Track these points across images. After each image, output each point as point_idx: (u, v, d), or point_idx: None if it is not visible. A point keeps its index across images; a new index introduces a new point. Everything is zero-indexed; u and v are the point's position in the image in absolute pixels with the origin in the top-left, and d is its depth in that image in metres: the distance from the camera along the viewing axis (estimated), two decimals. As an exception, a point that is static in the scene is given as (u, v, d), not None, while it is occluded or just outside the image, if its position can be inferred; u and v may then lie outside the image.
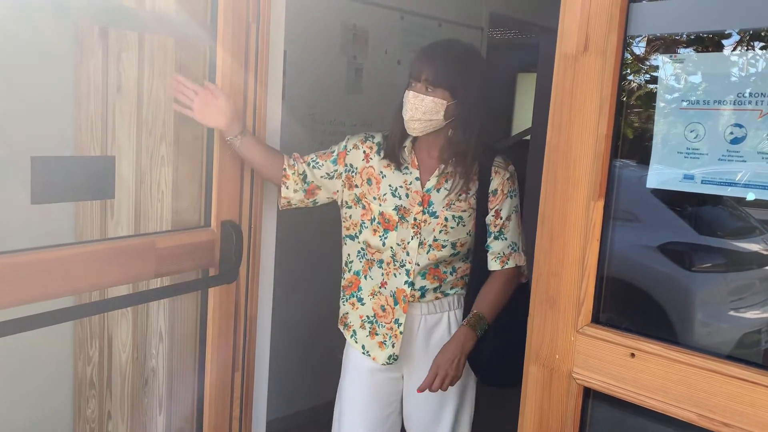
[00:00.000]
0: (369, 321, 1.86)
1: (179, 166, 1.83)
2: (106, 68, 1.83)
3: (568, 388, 1.31)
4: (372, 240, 1.81)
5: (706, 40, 1.26)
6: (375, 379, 1.90)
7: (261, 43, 1.82)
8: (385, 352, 1.84)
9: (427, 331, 1.86)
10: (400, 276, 1.79)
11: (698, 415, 1.15)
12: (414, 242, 1.77)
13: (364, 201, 1.82)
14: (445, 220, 1.77)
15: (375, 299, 1.84)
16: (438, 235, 1.77)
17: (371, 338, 1.86)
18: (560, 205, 1.30)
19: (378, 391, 1.91)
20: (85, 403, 2.03)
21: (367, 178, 1.82)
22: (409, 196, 1.77)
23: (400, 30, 3.32)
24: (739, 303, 3.07)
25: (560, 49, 1.28)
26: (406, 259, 1.78)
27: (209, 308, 1.80)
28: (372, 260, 1.84)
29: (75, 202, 1.92)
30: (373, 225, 1.80)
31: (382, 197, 1.78)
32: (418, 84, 1.70)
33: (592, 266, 1.27)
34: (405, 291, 1.79)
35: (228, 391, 1.89)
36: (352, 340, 1.90)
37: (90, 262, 1.53)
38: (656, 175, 1.24)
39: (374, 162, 1.81)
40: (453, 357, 1.70)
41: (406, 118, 1.72)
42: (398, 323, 1.81)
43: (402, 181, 1.78)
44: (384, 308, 1.83)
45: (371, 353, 1.86)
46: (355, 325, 1.89)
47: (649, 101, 1.26)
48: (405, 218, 1.77)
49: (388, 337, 1.83)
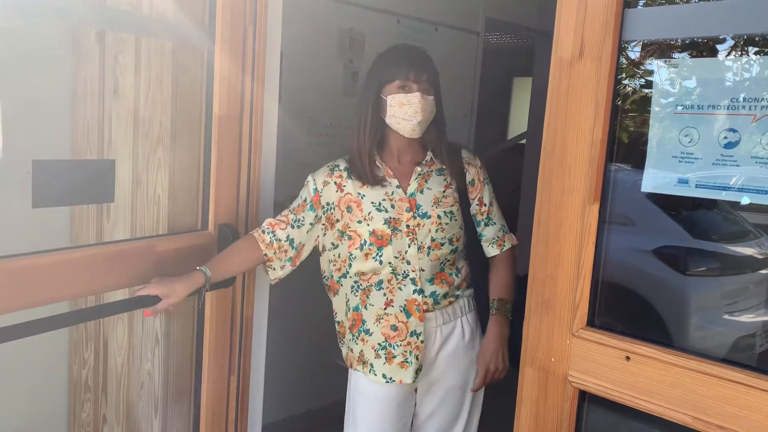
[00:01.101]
0: (382, 347, 1.77)
1: (176, 170, 1.83)
2: (103, 71, 1.83)
3: (564, 390, 1.31)
4: (365, 266, 1.76)
5: (701, 45, 1.27)
6: (391, 402, 1.81)
7: (258, 46, 1.82)
8: (410, 370, 1.75)
9: (442, 342, 1.81)
10: (407, 287, 1.75)
11: (693, 417, 1.15)
12: (412, 249, 1.74)
13: (348, 231, 1.76)
14: (438, 218, 1.76)
15: (382, 323, 1.76)
16: (435, 234, 1.76)
17: (389, 363, 1.76)
18: (556, 209, 1.30)
19: (397, 413, 1.82)
20: (80, 406, 2.02)
21: (346, 206, 1.77)
22: (395, 206, 1.75)
23: (397, 34, 3.33)
24: (733, 306, 3.08)
25: (556, 54, 1.29)
26: (408, 269, 1.75)
27: (206, 312, 1.80)
28: (369, 287, 1.77)
29: (71, 206, 1.92)
30: (364, 250, 1.75)
31: (368, 217, 1.74)
32: (415, 85, 1.71)
33: (587, 270, 1.27)
34: (417, 300, 1.75)
35: (224, 395, 1.89)
36: (371, 375, 1.78)
37: (88, 267, 1.52)
38: (651, 179, 1.25)
39: (349, 187, 1.77)
40: (496, 350, 1.76)
41: (415, 121, 1.71)
42: (416, 334, 1.75)
43: (383, 195, 1.76)
44: (395, 327, 1.75)
45: (395, 378, 1.76)
46: (370, 358, 1.78)
47: (644, 106, 1.26)
48: (398, 228, 1.74)
49: (409, 353, 1.75)
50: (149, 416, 1.94)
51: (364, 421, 1.83)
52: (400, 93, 1.71)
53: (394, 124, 1.74)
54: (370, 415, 1.82)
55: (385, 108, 1.73)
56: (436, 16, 3.51)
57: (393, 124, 1.74)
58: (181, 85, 1.83)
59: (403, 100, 1.70)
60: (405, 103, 1.70)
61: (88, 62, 1.84)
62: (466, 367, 1.84)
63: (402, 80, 1.71)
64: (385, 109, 1.73)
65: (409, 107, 1.70)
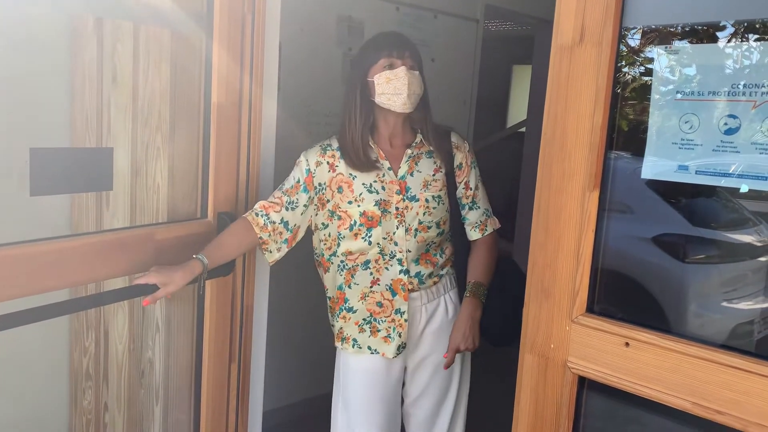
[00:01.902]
0: (367, 322, 1.83)
1: (175, 158, 1.83)
2: (101, 59, 1.83)
3: (563, 377, 1.32)
4: (354, 245, 1.80)
5: (701, 32, 1.26)
6: (379, 377, 1.87)
7: (256, 35, 1.81)
8: (393, 345, 1.83)
9: (427, 320, 1.88)
10: (393, 267, 1.80)
11: (692, 403, 1.16)
12: (400, 230, 1.79)
13: (338, 212, 1.80)
14: (426, 202, 1.81)
15: (367, 300, 1.82)
16: (422, 217, 1.81)
17: (374, 336, 1.83)
18: (556, 196, 1.30)
19: (385, 389, 1.88)
20: (81, 394, 2.03)
21: (337, 187, 1.80)
22: (386, 188, 1.79)
23: (396, 22, 3.31)
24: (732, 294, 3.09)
25: (556, 41, 1.28)
26: (395, 249, 1.79)
27: (206, 299, 1.81)
28: (355, 266, 1.82)
29: (71, 194, 1.92)
30: (354, 230, 1.79)
31: (359, 198, 1.78)
32: (399, 61, 1.75)
33: (587, 257, 1.27)
34: (402, 280, 1.80)
35: (224, 382, 1.89)
36: (354, 349, 1.85)
37: (88, 255, 1.53)
38: (651, 167, 1.25)
39: (341, 168, 1.80)
40: (466, 331, 1.82)
41: (405, 94, 1.73)
42: (400, 312, 1.82)
43: (375, 176, 1.79)
44: (381, 304, 1.82)
45: (379, 350, 1.83)
46: (353, 333, 1.85)
47: (644, 93, 1.26)
48: (387, 210, 1.78)
49: (392, 329, 1.82)
50: (150, 404, 1.95)
51: (354, 396, 1.88)
52: (386, 71, 1.74)
53: (385, 102, 1.76)
54: (359, 389, 1.87)
55: (373, 89, 1.77)
56: (435, 3, 3.50)
57: (383, 102, 1.77)
58: (180, 73, 1.82)
59: (390, 75, 1.74)
60: (392, 78, 1.74)
61: (86, 50, 1.83)
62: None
63: (386, 58, 1.75)
64: (373, 89, 1.76)
65: (397, 81, 1.73)
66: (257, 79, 1.84)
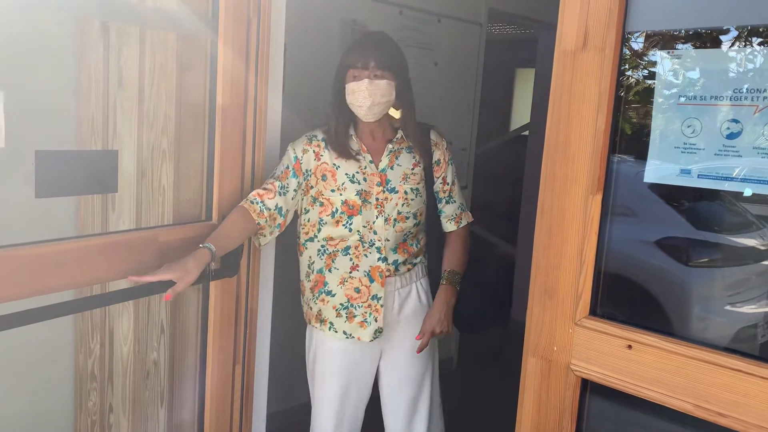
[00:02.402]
0: (344, 307, 1.91)
1: (180, 160, 1.84)
2: (107, 63, 1.84)
3: (566, 379, 1.33)
4: (335, 231, 1.88)
5: (704, 36, 1.27)
6: (349, 355, 1.94)
7: (262, 37, 1.83)
8: (369, 329, 1.90)
9: (400, 304, 1.96)
10: (372, 255, 1.88)
11: (694, 405, 1.16)
12: (380, 220, 1.87)
13: (321, 198, 1.88)
14: (405, 194, 1.90)
15: (346, 285, 1.89)
16: (401, 208, 1.89)
17: (350, 322, 1.90)
18: (559, 200, 1.31)
19: (355, 369, 1.96)
20: (86, 395, 2.04)
21: (321, 174, 1.88)
22: (367, 180, 1.88)
23: (399, 25, 3.32)
24: (735, 297, 3.08)
25: (559, 45, 1.29)
26: (374, 238, 1.88)
27: (210, 301, 1.81)
28: (335, 252, 1.89)
29: (76, 197, 1.93)
30: (335, 217, 1.86)
31: (341, 187, 1.86)
32: (365, 72, 1.80)
33: (590, 260, 1.28)
34: (380, 267, 1.88)
35: (229, 383, 1.90)
36: (331, 332, 1.92)
37: (93, 256, 1.54)
38: (654, 170, 1.26)
39: (326, 157, 1.89)
40: (440, 315, 1.92)
41: (366, 106, 1.81)
42: (377, 298, 1.89)
43: (357, 168, 1.88)
44: (359, 290, 1.89)
45: (354, 334, 1.91)
46: (330, 317, 1.92)
47: (647, 97, 1.27)
48: (367, 200, 1.86)
49: (368, 314, 1.89)
50: (155, 405, 1.95)
51: (322, 372, 1.97)
52: (352, 82, 1.82)
53: (354, 110, 1.86)
54: (328, 368, 1.96)
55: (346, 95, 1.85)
56: (438, 7, 3.50)
57: (353, 109, 1.86)
58: (185, 76, 1.83)
59: (354, 87, 1.82)
60: (356, 90, 1.81)
61: (92, 54, 1.85)
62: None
63: (352, 69, 1.82)
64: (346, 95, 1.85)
65: (359, 94, 1.81)
66: (263, 82, 1.86)
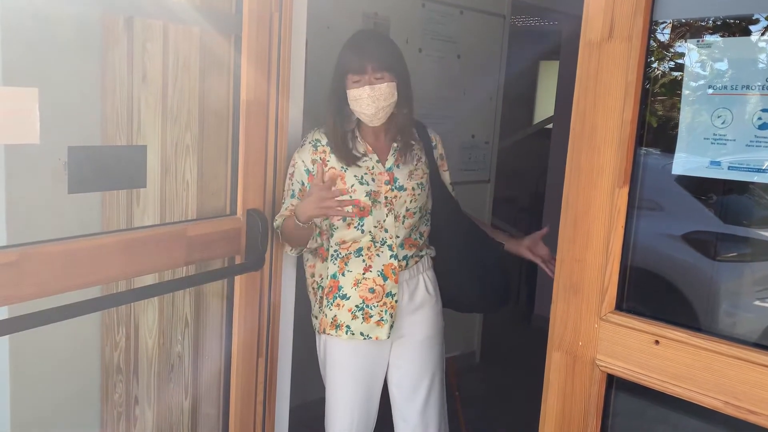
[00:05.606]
0: (360, 309, 1.90)
1: (204, 155, 1.85)
2: (132, 58, 1.85)
3: (591, 374, 1.31)
4: (347, 234, 1.88)
5: (733, 26, 1.24)
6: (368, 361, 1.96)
7: (284, 32, 1.83)
8: (386, 327, 1.91)
9: (410, 296, 1.98)
10: (384, 253, 1.90)
11: (724, 402, 1.14)
12: (390, 218, 1.89)
13: None
14: (413, 190, 1.93)
15: (360, 287, 1.89)
16: (410, 204, 1.92)
17: (367, 322, 1.90)
18: (584, 192, 1.29)
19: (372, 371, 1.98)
20: (112, 387, 2.06)
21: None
22: (375, 180, 1.89)
23: (422, 18, 3.31)
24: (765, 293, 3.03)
25: (585, 36, 1.27)
26: (385, 236, 1.89)
27: (235, 295, 1.83)
28: (348, 255, 1.90)
29: (102, 192, 1.95)
30: (347, 220, 1.87)
31: (351, 189, 1.86)
32: (363, 77, 1.78)
33: (616, 253, 1.26)
34: (393, 264, 1.90)
35: (252, 376, 1.92)
36: (347, 336, 1.90)
37: (122, 251, 1.55)
38: (682, 162, 1.24)
39: (332, 162, 1.88)
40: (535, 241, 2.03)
41: (370, 113, 1.80)
42: (391, 295, 1.90)
43: (365, 169, 1.89)
44: (373, 290, 1.89)
45: (372, 335, 1.91)
46: (346, 320, 1.90)
47: (674, 88, 1.25)
48: (377, 200, 1.88)
49: (384, 312, 1.90)
50: (179, 397, 1.98)
51: (335, 376, 1.97)
52: (353, 88, 1.81)
53: (359, 116, 1.85)
54: (341, 373, 1.97)
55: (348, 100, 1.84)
56: (461, -1, 3.48)
57: (358, 116, 1.85)
58: (209, 71, 1.84)
59: (356, 94, 1.80)
60: (358, 97, 1.80)
61: (116, 49, 1.86)
62: (434, 320, 2.03)
63: (351, 75, 1.80)
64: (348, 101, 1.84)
65: (362, 101, 1.80)
66: (285, 77, 1.86)
